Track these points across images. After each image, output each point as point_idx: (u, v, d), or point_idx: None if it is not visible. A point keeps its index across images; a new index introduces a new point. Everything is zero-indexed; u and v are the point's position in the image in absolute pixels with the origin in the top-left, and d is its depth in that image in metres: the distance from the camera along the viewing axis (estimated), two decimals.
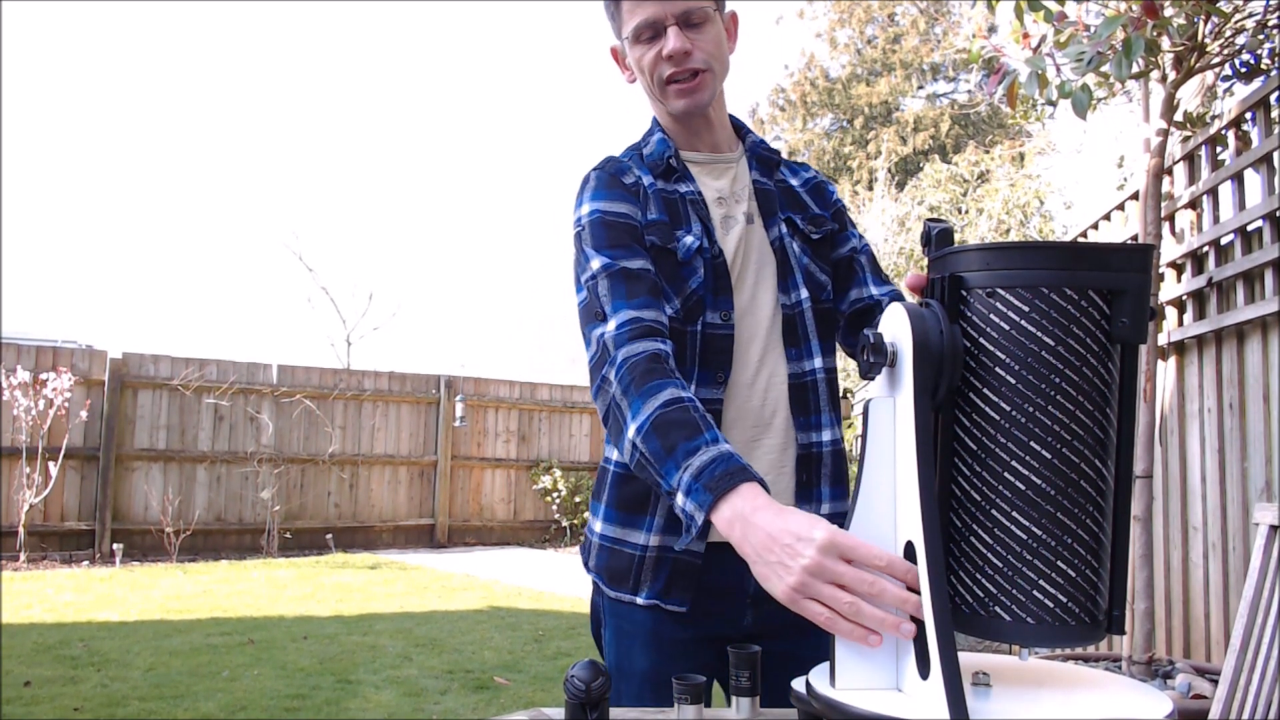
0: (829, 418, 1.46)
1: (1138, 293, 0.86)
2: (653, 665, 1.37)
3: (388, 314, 19.68)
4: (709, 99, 1.45)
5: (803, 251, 1.47)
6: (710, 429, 1.16)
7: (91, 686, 4.22)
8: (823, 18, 21.67)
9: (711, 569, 1.36)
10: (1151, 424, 3.34)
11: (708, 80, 1.43)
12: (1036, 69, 3.19)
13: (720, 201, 1.48)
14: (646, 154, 1.50)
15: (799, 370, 1.43)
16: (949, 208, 12.79)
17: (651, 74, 1.44)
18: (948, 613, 0.83)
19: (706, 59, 1.42)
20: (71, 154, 34.13)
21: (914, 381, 0.86)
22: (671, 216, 1.43)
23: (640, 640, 1.38)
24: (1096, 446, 0.86)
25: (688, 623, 1.37)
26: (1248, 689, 1.96)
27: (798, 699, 0.96)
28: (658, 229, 1.41)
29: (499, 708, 4.04)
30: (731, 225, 1.46)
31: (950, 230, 0.96)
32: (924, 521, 0.84)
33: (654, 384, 1.21)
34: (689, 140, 1.51)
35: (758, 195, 1.49)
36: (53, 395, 8.54)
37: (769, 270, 1.46)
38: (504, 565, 9.20)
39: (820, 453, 1.43)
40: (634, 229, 1.39)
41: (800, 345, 1.44)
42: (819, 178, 1.59)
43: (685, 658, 1.36)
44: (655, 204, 1.43)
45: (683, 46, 1.39)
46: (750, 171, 1.52)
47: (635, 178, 1.46)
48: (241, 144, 33.50)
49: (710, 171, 1.50)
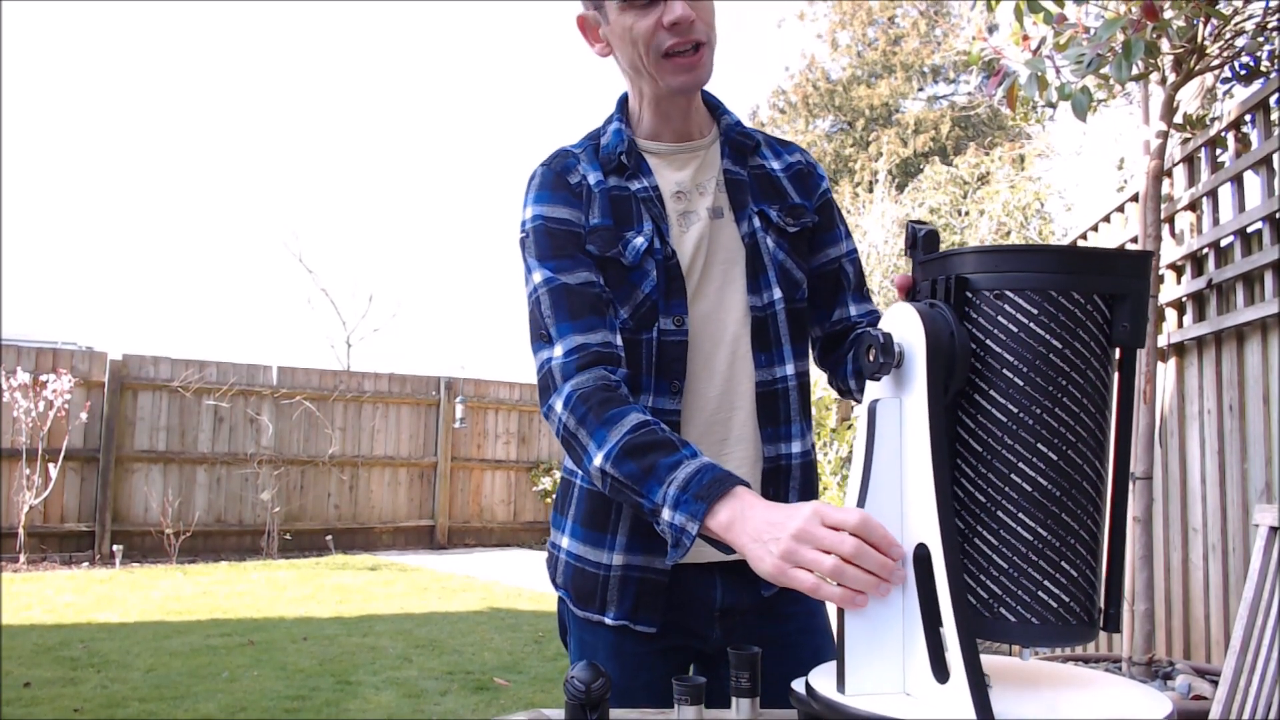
0: (799, 427, 1.35)
1: (1138, 298, 0.87)
2: (616, 677, 1.28)
3: (388, 315, 19.71)
4: (708, 76, 1.31)
5: (777, 247, 1.35)
6: (686, 445, 1.14)
7: (91, 687, 4.22)
8: (823, 19, 21.69)
9: (678, 584, 1.31)
10: (1151, 425, 3.34)
11: (706, 55, 1.29)
12: (1036, 71, 3.19)
13: (679, 196, 1.35)
14: (602, 145, 1.37)
15: (769, 377, 1.33)
16: (949, 209, 12.79)
17: (647, 45, 1.27)
18: (968, 616, 0.83)
19: (707, 30, 1.28)
20: (72, 155, 34.13)
21: (928, 382, 0.86)
22: (620, 217, 1.32)
23: (603, 654, 1.33)
24: (1097, 448, 0.87)
25: (655, 638, 1.33)
26: (1248, 690, 1.97)
27: (798, 700, 0.95)
28: (599, 236, 1.30)
29: (499, 709, 4.04)
30: (691, 221, 1.34)
31: (936, 233, 0.96)
32: (940, 524, 0.84)
33: (615, 411, 1.17)
34: (655, 126, 1.37)
35: (728, 186, 1.36)
36: (53, 397, 8.54)
37: (738, 269, 1.33)
38: (504, 566, 9.20)
39: (789, 465, 1.33)
40: (577, 236, 1.30)
41: (771, 350, 1.33)
42: (804, 162, 1.44)
43: (647, 670, 1.32)
44: (600, 205, 1.32)
45: (688, 14, 1.24)
46: (722, 159, 1.37)
47: (580, 176, 1.34)
48: (241, 144, 33.51)
49: (672, 162, 1.37)
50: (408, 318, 29.08)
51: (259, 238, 28.54)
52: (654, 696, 1.30)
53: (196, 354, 9.72)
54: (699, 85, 1.31)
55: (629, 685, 1.30)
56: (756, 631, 1.32)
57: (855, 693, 0.88)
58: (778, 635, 1.33)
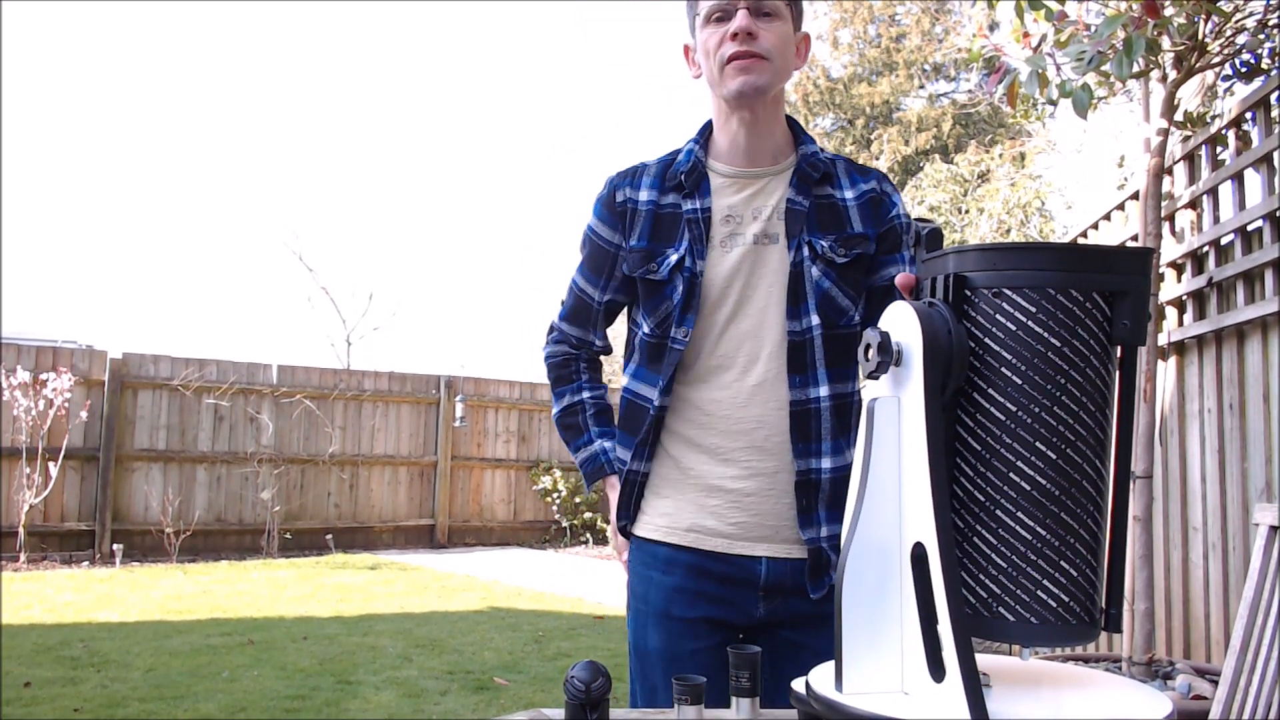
0: (834, 445, 1.45)
1: (1138, 295, 0.87)
2: (664, 644, 1.49)
3: (388, 314, 19.71)
4: (766, 85, 1.45)
5: (824, 275, 1.44)
6: (588, 430, 1.61)
7: (91, 687, 4.22)
8: (824, 18, 21.67)
9: (726, 561, 1.47)
10: (1151, 424, 3.34)
11: (766, 67, 1.44)
12: (1037, 68, 3.19)
13: (728, 219, 1.47)
14: (675, 163, 1.53)
15: (802, 397, 1.44)
16: (949, 207, 12.78)
17: (715, 53, 1.45)
18: (963, 614, 0.83)
19: (769, 49, 1.44)
20: (72, 154, 34.13)
21: (924, 381, 0.86)
22: (662, 235, 1.49)
23: (653, 620, 1.50)
24: (1097, 446, 0.86)
25: (701, 604, 1.48)
26: (1248, 690, 1.96)
27: (797, 700, 0.95)
28: (634, 256, 1.51)
29: (499, 708, 4.04)
30: (735, 244, 1.46)
31: (940, 231, 0.96)
32: (937, 523, 0.84)
33: (560, 389, 1.64)
34: (727, 148, 1.51)
35: (787, 214, 1.47)
36: (53, 395, 8.54)
37: (779, 294, 1.44)
38: (504, 566, 9.20)
39: (819, 479, 1.44)
40: (610, 256, 1.55)
41: (806, 372, 1.44)
42: (879, 191, 1.52)
43: (694, 638, 1.48)
44: (643, 226, 1.50)
45: (748, 26, 1.42)
46: (790, 187, 1.48)
47: (627, 196, 1.53)
48: (241, 144, 33.51)
49: (733, 185, 1.49)
50: (408, 316, 29.12)
51: (259, 237, 28.57)
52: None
53: (197, 352, 9.73)
54: (754, 90, 1.44)
55: (675, 653, 1.50)
56: (800, 608, 1.49)
57: (853, 691, 0.88)
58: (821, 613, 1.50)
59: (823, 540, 1.45)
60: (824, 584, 1.46)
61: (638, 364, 1.54)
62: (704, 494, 1.47)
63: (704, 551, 1.47)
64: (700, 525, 1.47)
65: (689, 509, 1.48)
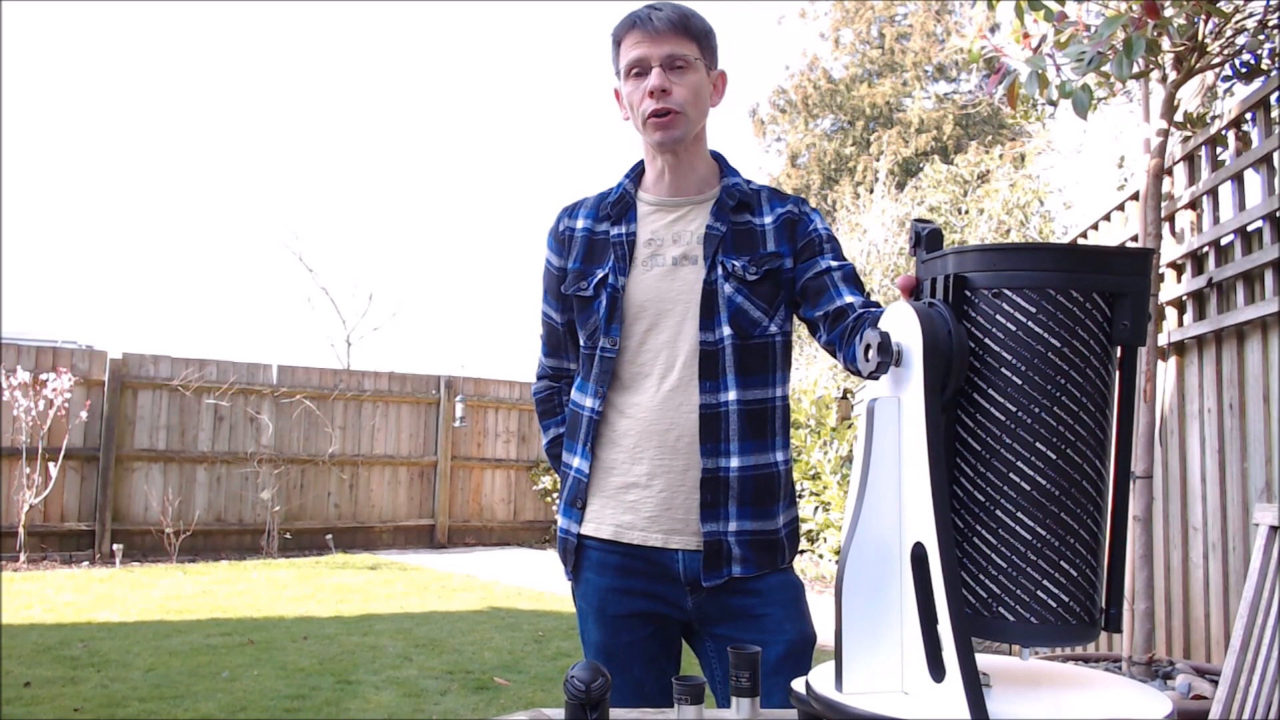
0: (742, 445, 1.59)
1: (1138, 296, 0.87)
2: (602, 638, 1.66)
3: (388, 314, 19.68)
4: (681, 136, 1.61)
5: (736, 291, 1.60)
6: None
7: (91, 687, 4.22)
8: (824, 18, 21.67)
9: (646, 557, 1.62)
10: (1151, 424, 3.34)
11: (681, 121, 1.59)
12: (1037, 69, 3.19)
13: (650, 243, 1.65)
14: (610, 195, 1.71)
15: (711, 401, 1.59)
16: (949, 208, 12.78)
17: (637, 108, 1.61)
18: (963, 614, 0.83)
19: (682, 102, 1.59)
20: (72, 154, 34.14)
21: (924, 381, 0.86)
22: (592, 257, 1.68)
23: (592, 617, 1.67)
24: (1097, 447, 0.86)
25: (631, 601, 1.63)
26: (1248, 689, 1.96)
27: (797, 699, 0.95)
28: (570, 276, 1.70)
29: (499, 708, 4.04)
30: (655, 264, 1.64)
31: (939, 231, 0.96)
32: (937, 523, 0.84)
33: (546, 422, 1.82)
34: (655, 180, 1.68)
35: (705, 239, 1.63)
36: (53, 395, 8.53)
37: (695, 309, 1.60)
38: (504, 566, 9.19)
39: (726, 477, 1.58)
40: (559, 280, 1.72)
41: (716, 379, 1.59)
42: (797, 212, 1.67)
43: (629, 632, 1.64)
44: (579, 249, 1.69)
45: (661, 84, 1.57)
46: (710, 215, 1.64)
47: (567, 225, 1.73)
48: (241, 144, 33.52)
49: (658, 213, 1.67)
50: (408, 317, 29.08)
51: (259, 237, 28.54)
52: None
53: (196, 352, 9.72)
54: (672, 141, 1.61)
55: (612, 644, 1.67)
56: (726, 605, 1.62)
57: (853, 691, 0.88)
58: (743, 610, 1.63)
59: (728, 534, 1.59)
60: (721, 574, 1.59)
61: (581, 378, 1.72)
62: (622, 491, 1.64)
63: (627, 547, 1.62)
64: (619, 520, 1.63)
65: (611, 506, 1.64)
